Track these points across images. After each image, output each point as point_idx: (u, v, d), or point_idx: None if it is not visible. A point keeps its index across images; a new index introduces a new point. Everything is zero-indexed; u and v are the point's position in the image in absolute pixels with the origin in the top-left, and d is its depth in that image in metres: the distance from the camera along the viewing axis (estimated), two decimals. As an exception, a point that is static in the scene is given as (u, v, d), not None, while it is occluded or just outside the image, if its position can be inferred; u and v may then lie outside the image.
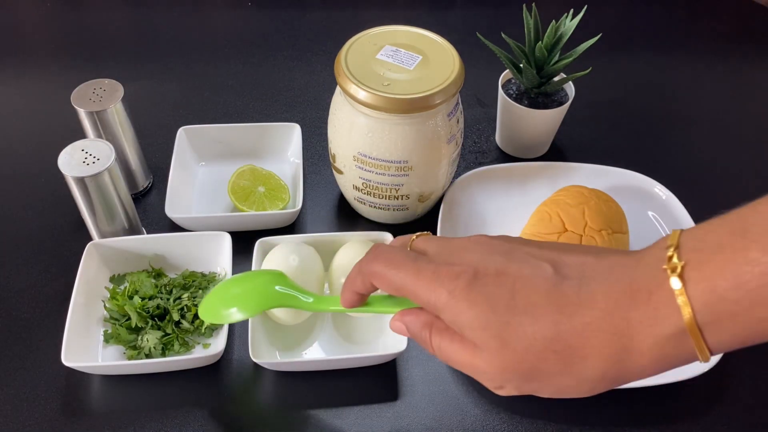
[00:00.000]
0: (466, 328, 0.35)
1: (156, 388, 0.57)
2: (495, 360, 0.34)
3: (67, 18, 1.00)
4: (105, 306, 0.60)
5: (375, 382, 0.58)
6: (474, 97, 0.87)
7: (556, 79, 0.73)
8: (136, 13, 1.01)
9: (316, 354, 0.59)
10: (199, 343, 0.59)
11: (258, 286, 0.52)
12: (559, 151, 0.80)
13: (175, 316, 0.59)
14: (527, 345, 0.33)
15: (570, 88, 0.75)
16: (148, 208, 0.71)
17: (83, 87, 0.66)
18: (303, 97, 0.86)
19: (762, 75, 0.95)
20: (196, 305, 0.59)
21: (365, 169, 0.63)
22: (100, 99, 0.65)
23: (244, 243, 0.63)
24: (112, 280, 0.62)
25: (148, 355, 0.57)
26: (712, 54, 0.98)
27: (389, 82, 0.58)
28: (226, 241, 0.62)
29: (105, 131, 0.66)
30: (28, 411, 0.55)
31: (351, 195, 0.68)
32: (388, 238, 0.62)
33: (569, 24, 0.70)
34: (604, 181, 0.71)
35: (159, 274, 0.63)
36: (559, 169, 0.73)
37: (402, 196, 0.65)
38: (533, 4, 0.70)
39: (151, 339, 0.57)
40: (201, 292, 0.61)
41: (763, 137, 0.84)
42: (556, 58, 0.71)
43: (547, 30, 0.69)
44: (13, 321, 0.61)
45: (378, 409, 0.56)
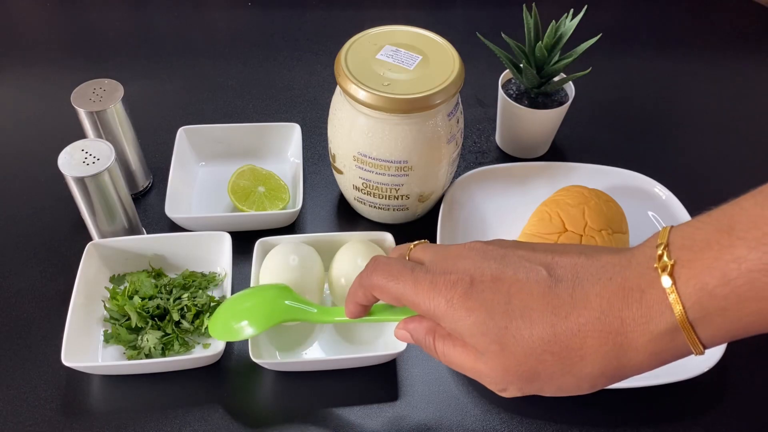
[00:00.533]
0: (466, 335, 0.36)
1: (156, 388, 0.57)
2: (496, 364, 0.35)
3: (67, 18, 1.00)
4: (105, 306, 0.60)
5: (375, 382, 0.58)
6: (474, 97, 0.87)
7: (556, 79, 0.73)
8: (136, 13, 1.01)
9: (316, 354, 0.59)
10: (199, 343, 0.59)
11: (265, 302, 0.53)
12: (559, 151, 0.80)
13: (175, 316, 0.59)
14: (526, 348, 0.34)
15: (570, 88, 0.75)
16: (148, 208, 0.71)
17: (83, 87, 0.66)
18: (303, 97, 0.86)
19: (762, 75, 0.95)
20: (196, 305, 0.59)
21: (365, 169, 0.63)
22: (100, 99, 0.65)
23: (244, 243, 0.63)
24: (112, 280, 0.62)
25: (148, 355, 0.57)
26: (712, 54, 0.98)
27: (389, 82, 0.58)
28: (226, 241, 0.62)
29: (105, 131, 0.66)
30: (27, 411, 0.55)
31: (351, 195, 0.68)
32: (388, 238, 0.62)
33: (569, 24, 0.70)
34: (604, 181, 0.71)
35: (159, 274, 0.63)
36: (559, 169, 0.73)
37: (402, 196, 0.65)
38: (533, 4, 0.70)
39: (151, 339, 0.57)
40: (201, 292, 0.61)
41: (763, 137, 0.84)
42: (556, 58, 0.71)
43: (547, 30, 0.69)
44: (13, 321, 0.61)
45: (378, 409, 0.56)
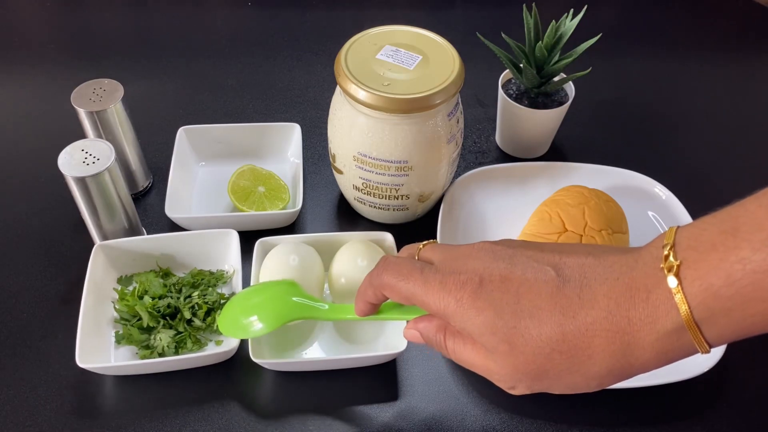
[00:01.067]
0: (476, 334, 0.36)
1: (159, 388, 0.57)
2: (506, 363, 0.36)
3: (67, 18, 1.00)
4: (115, 307, 0.60)
5: (375, 382, 0.58)
6: (474, 97, 0.87)
7: (556, 79, 0.73)
8: (136, 13, 1.01)
9: (316, 354, 0.59)
10: (211, 340, 0.59)
11: (276, 298, 0.53)
12: (559, 151, 0.80)
13: (187, 315, 0.59)
14: (534, 347, 0.35)
15: (570, 88, 0.75)
16: (148, 208, 0.71)
17: (83, 87, 0.66)
18: (303, 97, 0.86)
19: (762, 75, 0.95)
20: (207, 303, 0.60)
21: (365, 169, 0.63)
22: (100, 99, 0.65)
23: (244, 243, 0.63)
24: (120, 281, 0.63)
25: (162, 354, 0.57)
26: (712, 54, 0.98)
27: (389, 82, 0.58)
28: (234, 238, 0.62)
29: (105, 131, 0.66)
30: (27, 411, 0.55)
31: (351, 195, 0.68)
32: (388, 238, 0.62)
33: (569, 24, 0.70)
34: (604, 181, 0.71)
35: (167, 274, 0.63)
36: (559, 169, 0.73)
37: (402, 196, 0.65)
38: (533, 4, 0.70)
39: (164, 338, 0.58)
40: (210, 289, 0.61)
41: (763, 137, 0.84)
42: (556, 58, 0.71)
43: (547, 30, 0.69)
44: (13, 321, 0.61)
45: (378, 409, 0.56)
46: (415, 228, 0.70)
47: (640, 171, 0.72)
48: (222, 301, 0.61)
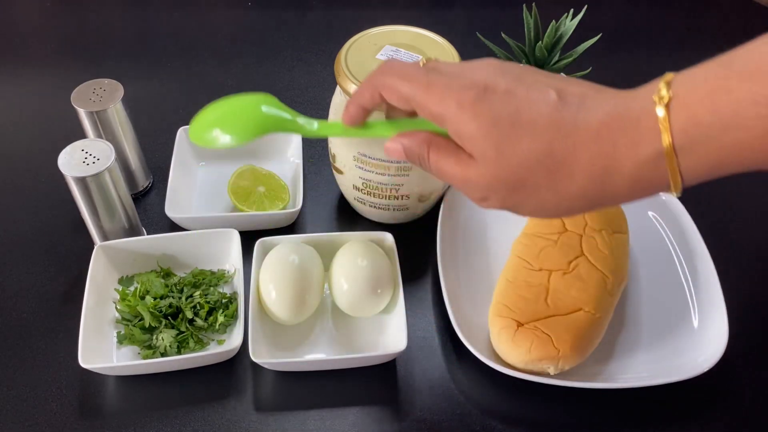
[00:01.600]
0: (467, 139, 0.38)
1: (159, 388, 0.57)
2: (487, 171, 0.38)
3: (67, 18, 1.00)
4: (116, 308, 0.60)
5: (375, 382, 0.58)
6: (474, 97, 0.87)
7: (556, 79, 0.73)
8: (136, 13, 1.01)
9: (316, 354, 0.59)
10: (213, 340, 0.59)
11: (248, 108, 0.46)
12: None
13: (189, 314, 0.59)
14: (521, 158, 0.36)
15: (570, 88, 0.75)
16: (148, 208, 0.71)
17: (83, 87, 0.66)
18: (303, 97, 0.86)
19: (762, 75, 0.95)
20: (208, 302, 0.60)
21: (365, 169, 0.63)
22: (100, 99, 0.65)
23: (244, 243, 0.63)
24: (121, 281, 0.63)
25: (164, 354, 0.57)
26: (713, 54, 0.97)
27: (389, 82, 0.58)
28: (235, 238, 0.62)
29: (105, 131, 0.66)
30: (28, 413, 0.55)
31: (351, 195, 0.68)
32: (388, 238, 0.62)
33: (569, 24, 0.70)
34: (604, 181, 0.71)
35: (168, 274, 0.63)
36: (559, 169, 0.73)
37: (402, 196, 0.65)
38: (533, 4, 0.70)
39: (166, 338, 0.58)
40: (212, 289, 0.61)
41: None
42: (556, 58, 0.71)
43: (547, 30, 0.69)
44: (13, 321, 0.61)
45: (378, 409, 0.56)
46: (415, 228, 0.70)
47: (640, 171, 0.72)
48: (224, 300, 0.61)
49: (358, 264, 0.58)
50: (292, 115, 0.46)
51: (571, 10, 0.70)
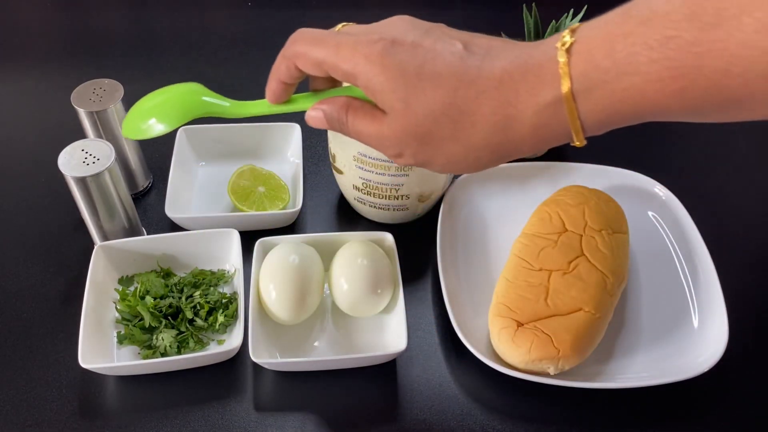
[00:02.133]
0: (378, 93, 0.38)
1: (159, 388, 0.57)
2: (397, 124, 0.38)
3: (67, 18, 1.00)
4: (116, 308, 0.60)
5: (375, 382, 0.58)
6: (474, 97, 0.87)
7: (556, 79, 0.73)
8: (136, 13, 1.01)
9: (316, 354, 0.59)
10: (213, 340, 0.59)
11: (176, 96, 0.50)
12: (559, 151, 0.80)
13: (189, 314, 0.59)
14: (426, 109, 0.37)
15: (570, 88, 0.75)
16: (148, 208, 0.71)
17: (83, 87, 0.66)
18: (303, 97, 0.86)
19: (762, 75, 0.95)
20: (208, 302, 0.60)
21: (365, 169, 0.63)
22: (100, 99, 0.65)
23: (244, 243, 0.63)
24: (121, 281, 0.63)
25: (164, 354, 0.57)
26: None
27: (389, 82, 0.58)
28: (235, 238, 0.62)
29: (105, 131, 0.66)
30: (27, 411, 0.55)
31: (351, 195, 0.68)
32: (388, 238, 0.62)
33: (569, 24, 0.70)
34: (604, 181, 0.71)
35: (168, 274, 0.63)
36: (559, 169, 0.73)
37: (402, 196, 0.65)
38: (533, 4, 0.70)
39: (166, 338, 0.58)
40: (212, 289, 0.62)
41: (763, 136, 0.84)
42: (556, 58, 0.71)
43: (547, 30, 0.69)
44: (13, 321, 0.61)
45: (378, 409, 0.56)
46: (415, 228, 0.70)
47: (640, 171, 0.72)
48: (224, 300, 0.61)
49: (358, 264, 0.58)
50: (218, 98, 0.49)
51: (571, 10, 0.70)
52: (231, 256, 0.64)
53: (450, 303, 0.59)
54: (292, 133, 0.75)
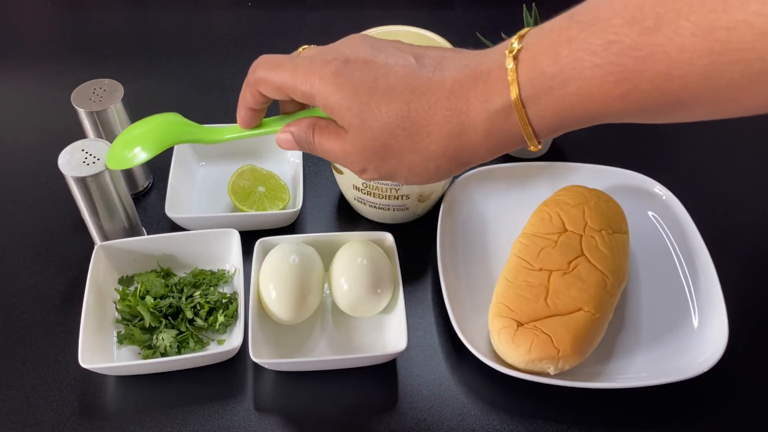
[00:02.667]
0: (336, 111, 0.39)
1: (159, 388, 0.57)
2: (356, 140, 0.39)
3: (67, 18, 1.00)
4: (117, 308, 0.60)
5: (375, 382, 0.58)
6: (474, 97, 0.87)
7: (556, 79, 0.73)
8: (136, 13, 1.01)
9: (316, 354, 0.59)
10: (213, 340, 0.59)
11: (156, 127, 0.51)
12: (559, 151, 0.80)
13: (189, 314, 0.59)
14: (381, 123, 0.37)
15: (570, 88, 0.75)
16: (148, 208, 0.71)
17: (83, 87, 0.66)
18: (303, 97, 0.86)
19: (762, 75, 0.95)
20: (208, 302, 0.60)
21: (365, 169, 0.63)
22: (100, 99, 0.65)
23: (244, 243, 0.63)
24: (121, 281, 0.63)
25: (164, 354, 0.57)
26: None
27: (389, 82, 0.58)
28: (235, 238, 0.62)
29: (105, 131, 0.66)
30: (28, 412, 0.55)
31: (351, 195, 0.68)
32: (388, 238, 0.62)
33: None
34: (604, 181, 0.71)
35: (168, 274, 0.63)
36: (559, 169, 0.73)
37: (402, 196, 0.65)
38: (533, 4, 0.70)
39: (166, 338, 0.58)
40: (212, 289, 0.62)
41: (763, 136, 0.84)
42: (556, 58, 0.71)
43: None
44: (13, 321, 0.61)
45: (378, 409, 0.56)
46: (415, 228, 0.70)
47: (640, 171, 0.72)
48: (224, 300, 0.61)
49: (358, 264, 0.58)
50: (195, 126, 0.50)
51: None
52: (231, 256, 0.64)
53: (450, 303, 0.59)
54: (292, 133, 0.75)
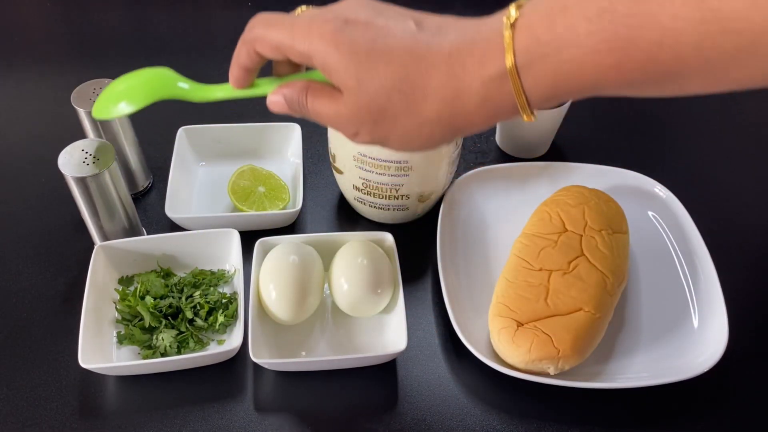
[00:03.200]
0: (333, 71, 0.38)
1: (159, 388, 0.57)
2: (351, 101, 0.38)
3: (66, 18, 1.00)
4: (117, 308, 0.60)
5: (375, 382, 0.58)
6: (474, 97, 0.87)
7: (556, 79, 0.73)
8: (136, 13, 1.01)
9: (316, 354, 0.59)
10: (213, 340, 0.59)
11: (144, 80, 0.50)
12: (559, 151, 0.80)
13: (189, 314, 0.59)
14: (378, 85, 0.37)
15: (570, 88, 0.75)
16: (148, 208, 0.71)
17: (83, 87, 0.66)
18: (303, 97, 0.86)
19: (762, 75, 0.95)
20: (208, 302, 0.60)
21: (365, 169, 0.63)
22: (100, 99, 0.65)
23: (244, 243, 0.63)
24: (121, 281, 0.63)
25: (164, 354, 0.57)
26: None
27: (389, 82, 0.58)
28: (235, 238, 0.62)
29: (105, 131, 0.66)
30: (28, 412, 0.55)
31: (351, 195, 0.68)
32: (388, 238, 0.62)
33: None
34: (604, 181, 0.71)
35: (168, 274, 0.63)
36: (559, 169, 0.73)
37: (402, 196, 0.65)
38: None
39: (166, 338, 0.58)
40: (212, 289, 0.62)
41: (763, 137, 0.84)
42: (556, 58, 0.71)
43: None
44: (13, 321, 0.61)
45: (378, 409, 0.56)
46: (415, 228, 0.70)
47: (640, 171, 0.72)
48: (224, 300, 0.61)
49: (358, 264, 0.58)
50: (185, 81, 0.49)
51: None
52: (231, 256, 0.64)
53: (450, 303, 0.59)
54: (292, 133, 0.75)
